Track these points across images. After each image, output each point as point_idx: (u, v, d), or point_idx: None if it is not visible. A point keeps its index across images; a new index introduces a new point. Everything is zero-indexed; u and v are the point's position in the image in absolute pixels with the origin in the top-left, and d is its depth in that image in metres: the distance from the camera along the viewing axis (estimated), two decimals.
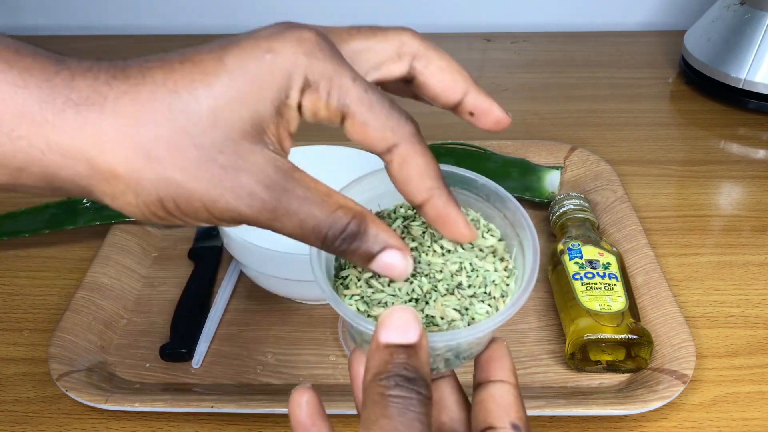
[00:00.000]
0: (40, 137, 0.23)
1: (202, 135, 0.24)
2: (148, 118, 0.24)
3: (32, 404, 0.48)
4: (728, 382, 0.49)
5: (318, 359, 0.51)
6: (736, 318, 0.54)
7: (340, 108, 0.25)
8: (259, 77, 0.24)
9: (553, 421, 0.46)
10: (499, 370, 0.28)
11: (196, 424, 0.47)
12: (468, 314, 0.28)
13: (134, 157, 0.24)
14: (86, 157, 0.24)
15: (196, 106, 0.24)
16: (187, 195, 0.24)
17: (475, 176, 0.32)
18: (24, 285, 0.59)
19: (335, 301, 0.27)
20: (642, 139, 0.76)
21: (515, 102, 0.85)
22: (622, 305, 0.49)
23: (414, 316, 0.25)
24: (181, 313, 0.54)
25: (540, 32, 1.02)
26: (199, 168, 0.24)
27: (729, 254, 0.60)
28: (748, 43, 0.77)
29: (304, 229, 0.25)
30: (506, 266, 0.30)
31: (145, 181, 0.24)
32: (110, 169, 0.24)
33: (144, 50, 1.14)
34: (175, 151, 0.24)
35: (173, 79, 0.24)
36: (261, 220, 0.25)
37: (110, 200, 0.25)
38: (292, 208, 0.25)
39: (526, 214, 0.31)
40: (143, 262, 0.60)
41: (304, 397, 0.28)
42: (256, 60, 0.24)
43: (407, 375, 0.23)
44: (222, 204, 0.25)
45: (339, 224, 0.25)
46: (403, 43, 0.28)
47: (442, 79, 0.29)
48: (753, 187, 0.69)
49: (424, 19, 1.04)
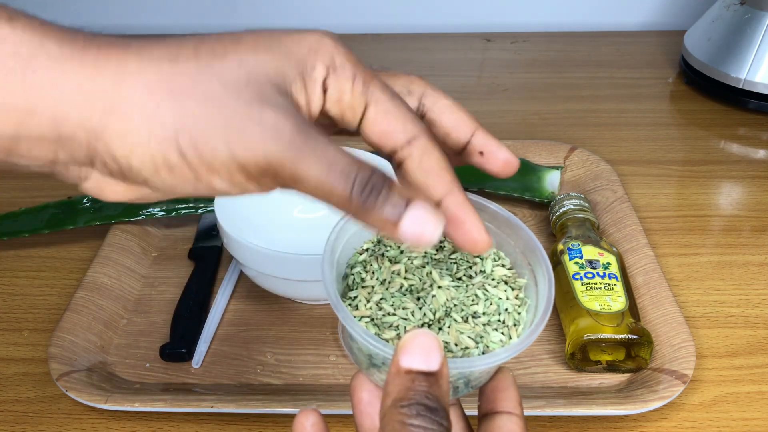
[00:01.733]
0: (56, 71, 0.22)
1: (227, 72, 0.23)
2: (174, 57, 0.23)
3: (32, 404, 0.48)
4: (728, 382, 0.49)
5: (318, 359, 0.51)
6: (736, 318, 0.54)
7: (366, 94, 0.25)
8: (287, 45, 0.25)
9: (553, 421, 0.46)
10: (505, 401, 0.28)
11: (196, 424, 0.47)
12: (483, 342, 0.28)
13: (155, 88, 0.23)
14: (105, 91, 0.23)
15: (222, 52, 0.24)
16: (208, 130, 0.23)
17: (487, 203, 0.31)
18: (24, 285, 0.59)
19: (349, 321, 0.26)
20: (642, 139, 0.76)
21: (515, 102, 0.85)
22: (622, 305, 0.49)
23: (437, 342, 0.24)
24: (181, 313, 0.54)
25: (540, 32, 1.02)
26: (223, 101, 0.23)
27: (729, 254, 0.60)
28: (748, 43, 0.77)
29: (332, 173, 0.23)
30: (517, 295, 0.30)
31: (163, 111, 0.23)
32: (128, 99, 0.23)
33: None
34: (199, 85, 0.23)
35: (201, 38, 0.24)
36: (286, 162, 0.23)
37: (119, 141, 0.23)
38: (320, 148, 0.23)
39: (539, 243, 0.30)
40: (143, 262, 0.60)
41: (309, 420, 0.27)
42: (285, 34, 0.25)
43: (429, 405, 0.23)
44: (246, 140, 0.23)
45: (366, 172, 0.24)
46: (412, 82, 0.29)
47: (452, 117, 0.29)
48: (753, 187, 0.69)
49: (424, 19, 1.04)
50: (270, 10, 1.04)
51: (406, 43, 1.00)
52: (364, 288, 0.30)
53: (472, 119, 0.29)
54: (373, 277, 0.30)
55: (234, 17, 1.05)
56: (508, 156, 0.29)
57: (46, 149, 0.23)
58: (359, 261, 0.32)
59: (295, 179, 0.24)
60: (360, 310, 0.29)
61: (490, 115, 0.82)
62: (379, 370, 0.28)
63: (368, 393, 0.28)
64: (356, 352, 0.29)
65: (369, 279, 0.30)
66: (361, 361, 0.29)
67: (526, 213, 0.65)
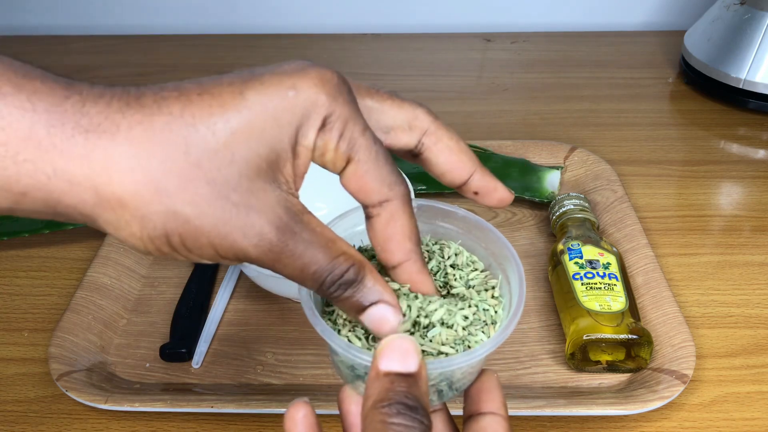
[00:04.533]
0: (47, 162, 0.22)
1: (216, 171, 0.23)
2: (161, 149, 0.23)
3: (32, 404, 0.48)
4: (728, 382, 0.49)
5: (318, 359, 0.51)
6: (736, 318, 0.54)
7: (348, 152, 0.25)
8: (280, 115, 0.24)
9: (553, 421, 0.46)
10: (489, 402, 0.28)
11: (196, 424, 0.47)
12: (464, 344, 0.28)
13: (143, 188, 0.23)
14: (93, 184, 0.23)
15: (213, 141, 0.23)
16: (195, 231, 0.24)
17: (455, 209, 0.32)
18: (24, 285, 0.59)
19: (328, 334, 0.27)
20: (642, 139, 0.76)
21: (515, 102, 0.85)
22: (622, 305, 0.49)
23: (413, 345, 0.25)
24: (181, 313, 0.54)
25: (540, 32, 1.02)
26: (210, 204, 0.24)
27: (729, 254, 0.60)
28: (748, 43, 0.77)
29: (305, 273, 0.25)
30: (493, 294, 0.31)
31: (152, 213, 0.23)
32: (117, 198, 0.23)
33: (144, 50, 1.13)
34: (187, 185, 0.23)
35: (191, 111, 0.23)
36: (265, 261, 0.25)
37: (114, 230, 0.24)
38: (297, 251, 0.25)
39: (509, 244, 0.31)
40: (143, 262, 0.60)
41: (300, 412, 0.27)
42: (278, 97, 0.24)
43: (409, 403, 0.23)
44: (229, 242, 0.24)
45: (338, 270, 0.25)
46: (416, 117, 0.28)
47: (450, 159, 0.29)
48: (753, 187, 0.69)
49: (424, 19, 1.04)
50: (270, 10, 1.04)
51: (406, 43, 1.00)
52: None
53: (472, 161, 0.29)
54: None
55: (234, 17, 1.05)
56: (503, 195, 0.30)
57: (45, 216, 0.24)
58: None
59: (274, 269, 0.26)
60: (338, 324, 0.29)
61: (490, 115, 0.82)
62: (363, 380, 0.28)
63: (356, 405, 0.28)
64: (339, 365, 0.29)
65: None
66: (346, 374, 0.29)
67: (526, 213, 0.65)
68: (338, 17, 1.04)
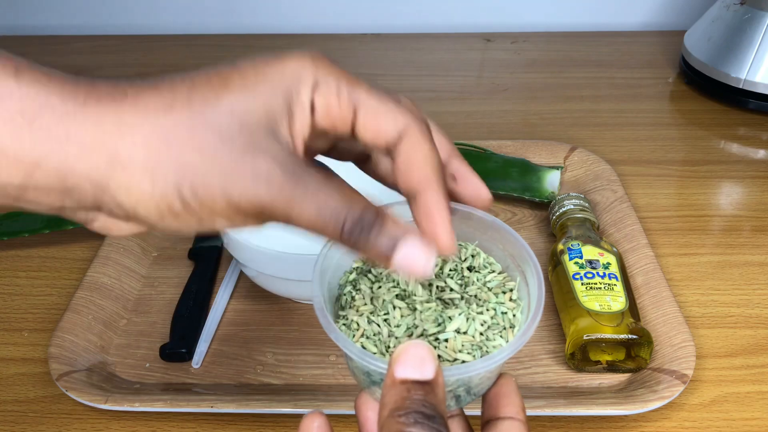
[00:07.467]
0: (60, 127, 0.23)
1: (220, 121, 0.24)
2: (168, 107, 0.24)
3: (32, 404, 0.48)
4: (728, 382, 0.49)
5: (318, 359, 0.51)
6: (736, 318, 0.54)
7: (353, 100, 0.26)
8: (272, 78, 0.25)
9: (553, 421, 0.46)
10: (508, 407, 0.28)
11: (196, 424, 0.47)
12: (482, 349, 0.28)
13: (153, 141, 0.24)
14: (105, 145, 0.24)
15: (213, 97, 0.25)
16: (206, 179, 0.24)
17: (472, 210, 0.31)
18: (24, 285, 0.59)
19: (342, 340, 0.26)
20: (642, 139, 0.76)
21: (515, 102, 0.85)
22: (622, 305, 0.49)
23: (430, 351, 0.24)
24: (181, 313, 0.54)
25: (540, 32, 1.02)
26: (218, 150, 0.24)
27: (729, 254, 0.60)
28: (748, 43, 0.77)
29: (323, 215, 0.25)
30: (511, 297, 0.30)
31: (163, 164, 0.24)
32: (128, 154, 0.24)
33: (144, 50, 1.13)
34: (194, 134, 0.24)
35: (191, 80, 0.25)
36: (278, 206, 0.25)
37: (125, 194, 0.24)
38: (310, 191, 0.25)
39: (526, 245, 0.31)
40: (143, 262, 0.60)
41: (315, 422, 0.27)
42: (267, 66, 0.26)
43: (426, 412, 0.23)
44: (240, 187, 0.24)
45: (356, 209, 0.25)
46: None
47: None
48: (753, 187, 0.69)
49: (424, 19, 1.04)
50: (270, 10, 1.04)
51: (406, 43, 1.00)
52: (356, 309, 0.30)
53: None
54: (365, 296, 0.30)
55: (234, 17, 1.05)
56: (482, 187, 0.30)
57: (53, 197, 0.25)
58: (350, 281, 0.32)
59: (288, 219, 0.25)
60: (353, 329, 0.29)
61: (490, 115, 0.82)
62: (379, 386, 0.28)
63: (373, 412, 0.28)
64: (355, 371, 0.29)
65: (359, 298, 0.30)
66: (362, 380, 0.29)
67: (526, 213, 0.65)
68: (338, 17, 1.04)
